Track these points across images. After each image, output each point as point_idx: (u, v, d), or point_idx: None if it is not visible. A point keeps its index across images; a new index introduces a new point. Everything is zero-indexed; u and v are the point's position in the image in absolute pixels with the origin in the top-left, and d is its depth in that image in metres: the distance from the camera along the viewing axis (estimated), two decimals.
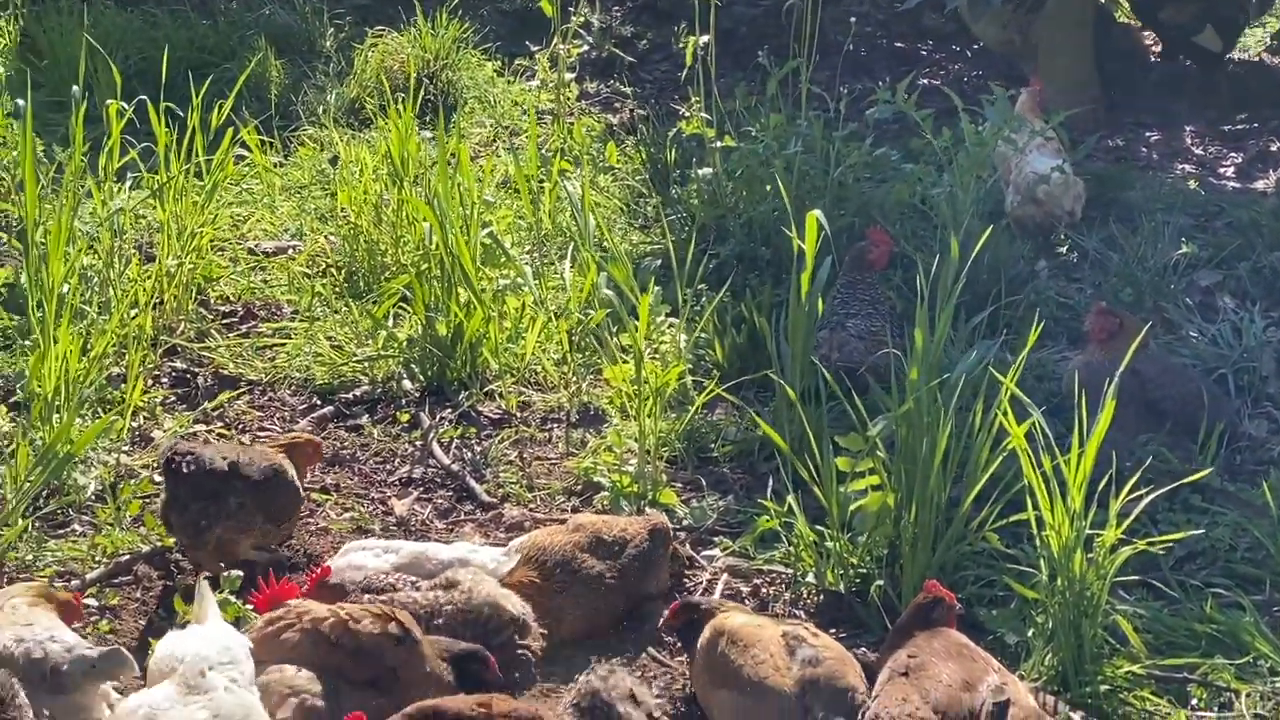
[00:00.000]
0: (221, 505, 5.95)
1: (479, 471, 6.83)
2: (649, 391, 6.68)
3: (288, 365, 7.56)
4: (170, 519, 6.02)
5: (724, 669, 5.20)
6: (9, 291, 7.62)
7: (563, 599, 5.76)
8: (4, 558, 6.03)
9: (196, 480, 5.95)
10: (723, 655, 5.23)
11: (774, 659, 5.15)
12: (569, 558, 5.82)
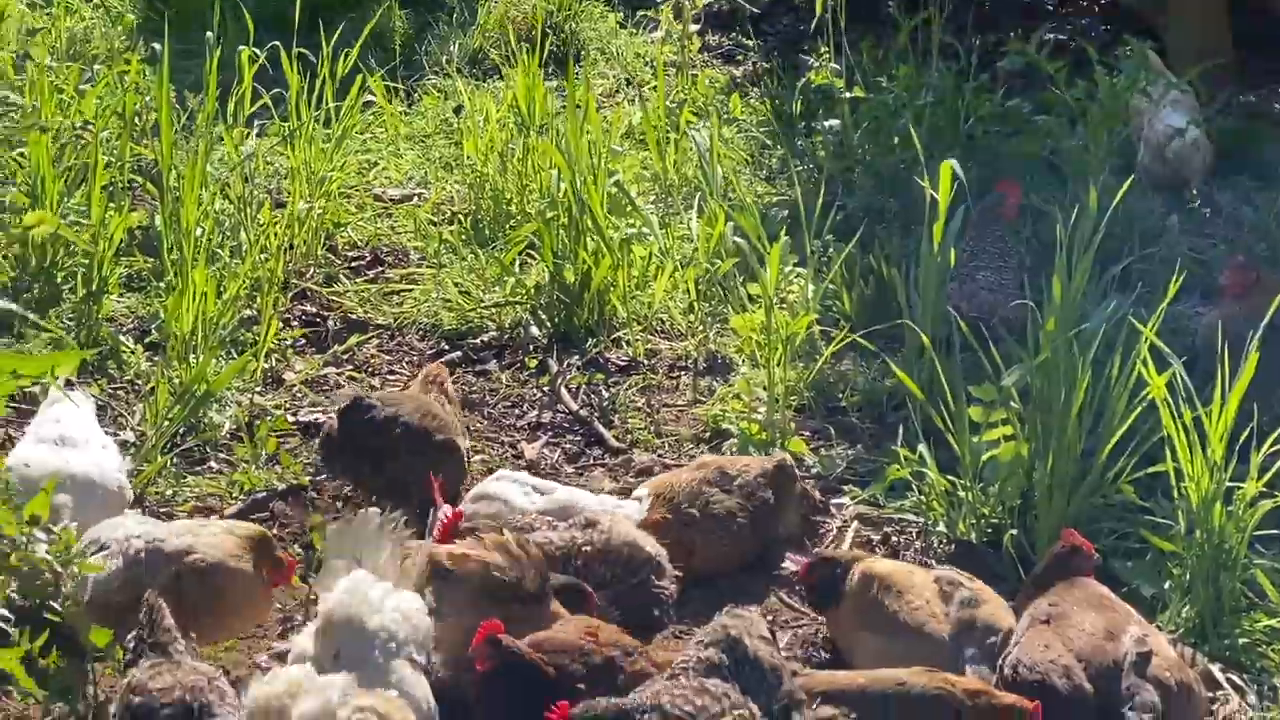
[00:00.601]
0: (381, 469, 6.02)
1: (607, 417, 6.87)
2: (778, 340, 6.68)
3: (415, 310, 7.62)
4: (330, 464, 6.13)
5: (877, 613, 5.20)
6: (143, 234, 7.70)
7: (693, 533, 5.79)
8: (145, 493, 6.13)
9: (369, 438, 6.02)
10: (875, 600, 5.23)
11: (930, 605, 5.15)
12: (697, 492, 5.87)
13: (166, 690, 4.31)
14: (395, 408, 6.12)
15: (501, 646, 4.98)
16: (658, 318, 7.51)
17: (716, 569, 5.85)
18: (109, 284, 7.27)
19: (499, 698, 4.99)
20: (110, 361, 6.99)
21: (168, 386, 6.48)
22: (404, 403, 6.20)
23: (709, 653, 4.95)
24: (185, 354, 6.73)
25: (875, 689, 4.88)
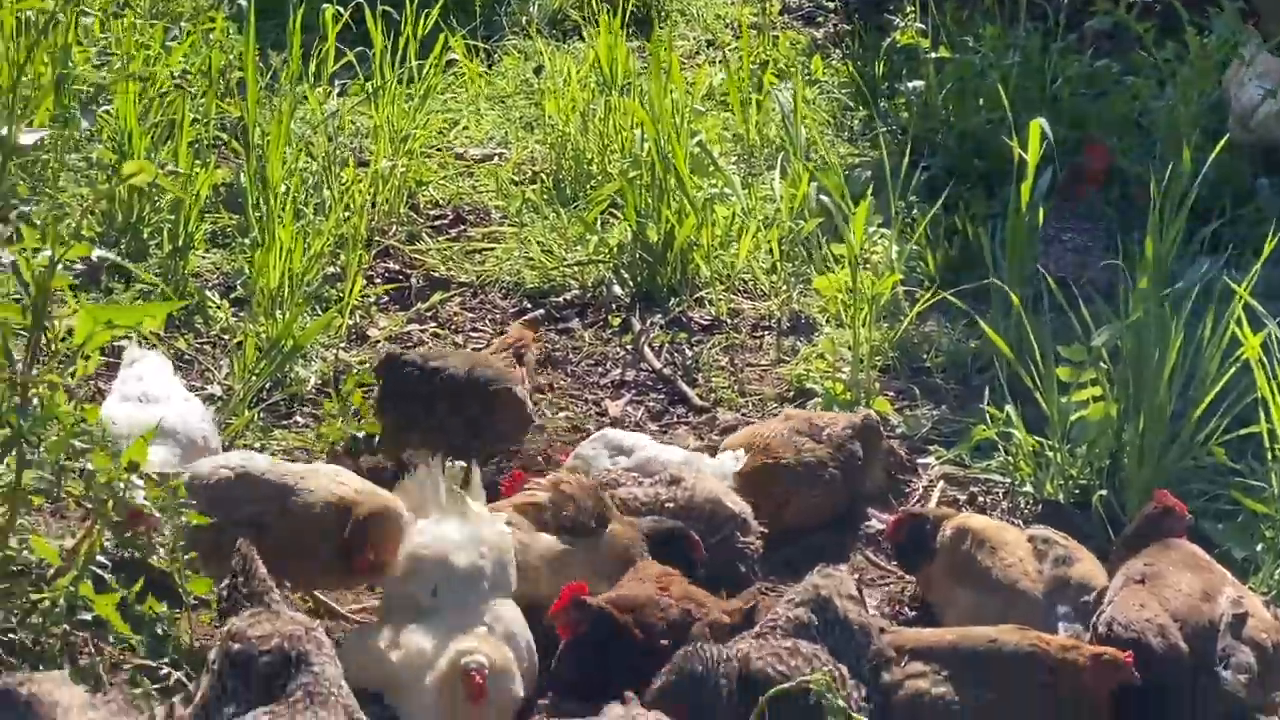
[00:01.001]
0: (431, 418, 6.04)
1: (690, 376, 6.87)
2: (863, 300, 6.66)
3: (497, 269, 7.63)
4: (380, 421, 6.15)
5: (969, 569, 5.19)
6: (227, 191, 7.75)
7: (785, 482, 5.80)
8: (232, 445, 6.16)
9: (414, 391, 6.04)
10: (968, 555, 5.22)
11: (1024, 562, 5.13)
12: (788, 441, 5.88)
13: (265, 638, 4.33)
14: (440, 361, 6.12)
15: (588, 608, 4.99)
16: (740, 277, 7.50)
17: (806, 522, 5.86)
18: (195, 240, 7.32)
19: (586, 657, 5.01)
20: (196, 317, 7.03)
21: (255, 341, 6.52)
22: (449, 356, 6.23)
23: (798, 612, 4.94)
24: (271, 309, 6.77)
25: (966, 646, 4.86)
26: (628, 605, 5.05)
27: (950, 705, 4.77)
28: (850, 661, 4.87)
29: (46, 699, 4.17)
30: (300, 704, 4.24)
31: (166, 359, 6.18)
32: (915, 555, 5.41)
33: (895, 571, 5.71)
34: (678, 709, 4.59)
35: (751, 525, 5.65)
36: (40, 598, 4.82)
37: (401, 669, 4.83)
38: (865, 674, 4.87)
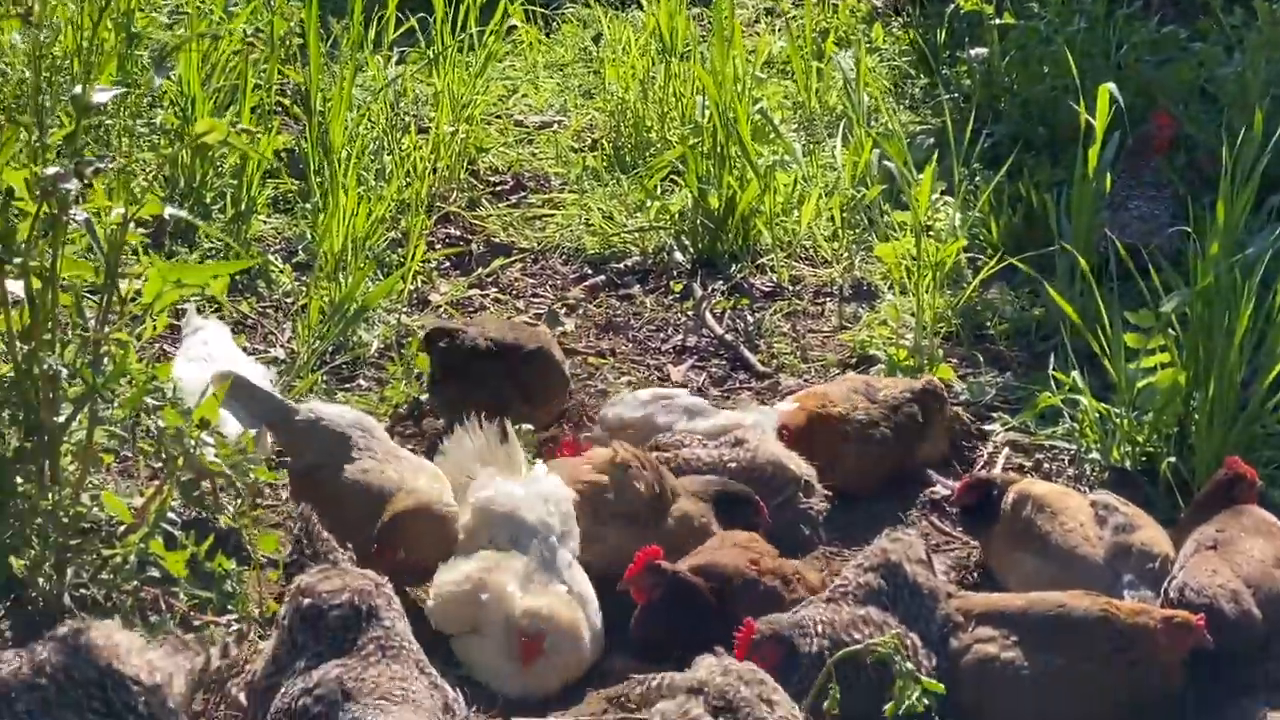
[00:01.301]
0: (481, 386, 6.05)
1: (752, 342, 6.85)
2: (927, 266, 6.63)
3: (558, 235, 7.63)
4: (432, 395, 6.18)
5: (1030, 534, 5.17)
6: (288, 157, 7.76)
7: (840, 439, 5.81)
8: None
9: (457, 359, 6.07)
10: (1029, 520, 5.20)
11: (1084, 528, 5.11)
12: (845, 397, 5.90)
13: (335, 593, 4.35)
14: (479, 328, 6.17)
15: (663, 572, 5.00)
16: (801, 244, 7.47)
17: (856, 481, 5.85)
18: (257, 204, 7.35)
19: (659, 620, 5.02)
20: (259, 281, 7.06)
21: (319, 304, 6.53)
22: (487, 322, 6.29)
23: (868, 577, 4.93)
24: (335, 273, 6.79)
25: (1036, 611, 4.85)
26: (711, 571, 5.05)
27: (1019, 670, 4.76)
28: (920, 627, 4.86)
29: (107, 642, 4.24)
30: (372, 656, 4.26)
31: (225, 325, 6.21)
32: (981, 520, 5.39)
33: (959, 537, 5.69)
34: (770, 655, 4.59)
35: (815, 488, 5.66)
36: (111, 554, 4.85)
37: (481, 613, 4.90)
38: (934, 641, 4.87)
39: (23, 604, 4.73)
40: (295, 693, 4.22)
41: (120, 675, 4.17)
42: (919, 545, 5.07)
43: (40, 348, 4.62)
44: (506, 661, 4.90)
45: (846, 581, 4.95)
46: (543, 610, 4.83)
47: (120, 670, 4.18)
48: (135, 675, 4.19)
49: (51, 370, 4.60)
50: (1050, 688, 4.73)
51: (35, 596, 4.74)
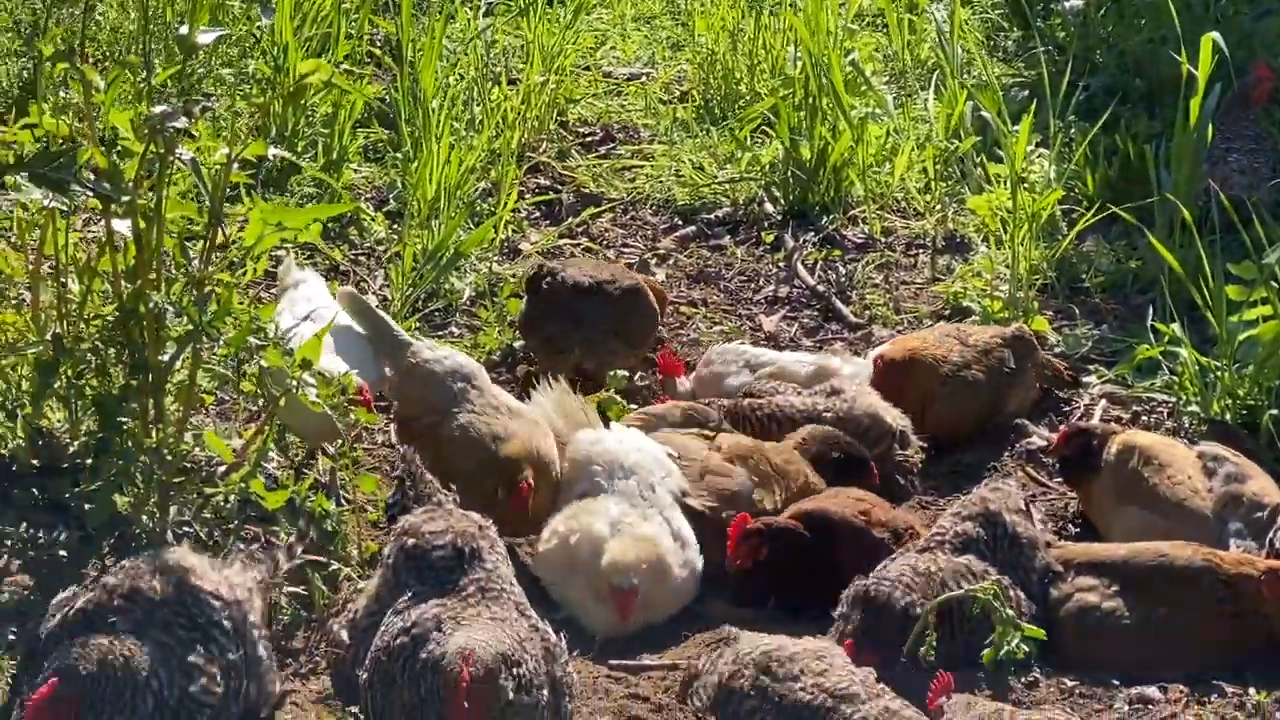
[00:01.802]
0: (579, 327, 6.06)
1: (844, 293, 6.83)
2: (1023, 217, 6.57)
3: (648, 186, 7.61)
4: (528, 336, 6.19)
5: (1136, 486, 5.13)
6: (378, 107, 7.78)
7: (937, 386, 5.79)
8: None
9: (556, 299, 6.09)
10: (1134, 472, 5.15)
11: (1192, 480, 5.06)
12: (934, 344, 5.90)
13: (439, 533, 4.37)
14: (574, 270, 6.21)
15: (760, 533, 4.99)
16: (894, 196, 7.43)
17: (954, 427, 5.84)
18: (348, 153, 7.37)
19: (758, 572, 5.02)
20: (351, 229, 7.08)
21: (413, 251, 6.55)
22: (581, 265, 6.32)
23: (966, 526, 4.91)
24: (427, 221, 6.80)
25: (1137, 561, 4.81)
26: (819, 519, 5.05)
27: (1120, 620, 4.73)
28: (1019, 577, 4.84)
29: (184, 562, 4.30)
30: (472, 597, 4.27)
31: (321, 276, 6.23)
32: (1080, 470, 5.35)
33: (1055, 488, 5.65)
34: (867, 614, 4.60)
35: (911, 439, 5.64)
36: (213, 493, 4.89)
37: (576, 555, 4.92)
38: (1034, 590, 4.84)
39: (127, 541, 4.77)
40: (394, 631, 4.24)
41: (201, 592, 4.22)
42: (1018, 495, 5.05)
43: (146, 287, 4.65)
44: (598, 602, 4.92)
45: (944, 530, 4.92)
46: (631, 560, 4.85)
47: (200, 586, 4.23)
48: (215, 591, 4.25)
49: (157, 309, 4.63)
50: (1151, 638, 4.71)
51: (139, 534, 4.78)
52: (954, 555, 4.84)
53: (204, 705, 4.07)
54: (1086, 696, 4.64)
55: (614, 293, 6.15)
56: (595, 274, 6.25)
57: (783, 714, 4.19)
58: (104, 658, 3.98)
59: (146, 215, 4.66)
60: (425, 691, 4.05)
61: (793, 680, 4.23)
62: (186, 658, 4.10)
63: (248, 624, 4.29)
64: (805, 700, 4.18)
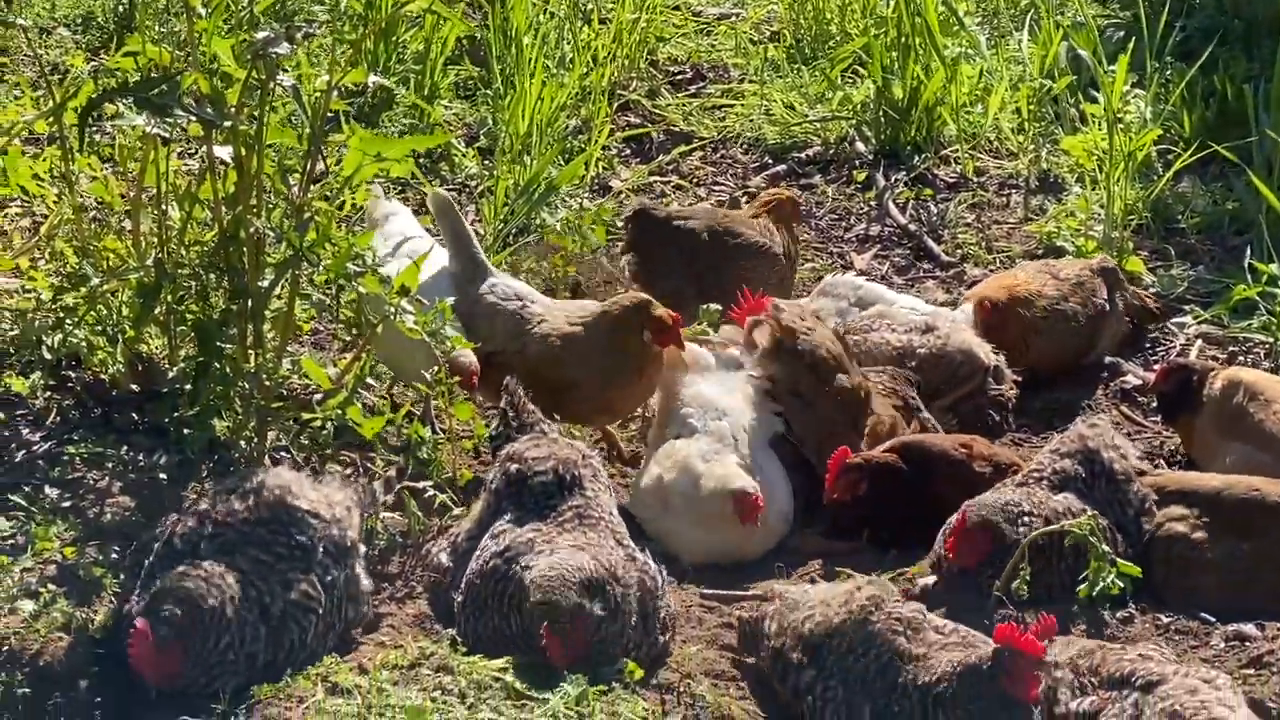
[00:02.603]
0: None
1: (936, 232, 6.80)
2: (1119, 157, 6.51)
3: (738, 125, 7.59)
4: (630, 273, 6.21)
5: (1239, 422, 5.08)
6: (469, 44, 7.79)
7: (1039, 320, 5.77)
8: None
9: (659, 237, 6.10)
10: (1239, 408, 5.11)
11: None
12: (1031, 280, 5.88)
13: (541, 459, 4.40)
14: (685, 219, 6.17)
15: (860, 467, 4.99)
16: (986, 137, 7.37)
17: (1054, 362, 5.82)
18: (440, 89, 7.39)
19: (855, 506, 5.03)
20: (442, 164, 7.11)
21: (505, 185, 6.57)
22: (695, 215, 6.25)
23: (1064, 464, 4.87)
24: (519, 156, 6.81)
25: (1229, 494, 4.77)
26: (919, 453, 5.05)
27: (1206, 550, 4.69)
28: (1117, 514, 4.80)
29: (282, 481, 4.36)
30: (569, 524, 4.30)
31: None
32: (1180, 407, 5.30)
33: (1151, 426, 5.62)
34: (982, 537, 4.58)
35: (1006, 374, 5.62)
36: (310, 419, 4.92)
37: (672, 489, 4.94)
38: (1129, 527, 4.81)
39: (225, 465, 4.82)
40: (488, 555, 4.28)
41: (299, 510, 4.27)
42: (1114, 432, 5.01)
43: (246, 213, 4.68)
44: (690, 529, 4.95)
45: (1042, 466, 4.89)
46: (730, 477, 4.88)
47: (298, 505, 4.28)
48: (313, 510, 4.29)
49: (257, 234, 4.67)
50: (1237, 571, 4.66)
51: (237, 458, 4.82)
52: (1052, 492, 4.80)
53: (307, 612, 4.13)
54: (1182, 633, 4.62)
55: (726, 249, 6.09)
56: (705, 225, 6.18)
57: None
58: (197, 588, 4.02)
59: (247, 141, 4.68)
60: (514, 615, 4.10)
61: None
62: (286, 573, 4.15)
63: (345, 543, 4.34)
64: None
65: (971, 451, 5.09)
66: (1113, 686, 4.01)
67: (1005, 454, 5.17)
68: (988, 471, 4.99)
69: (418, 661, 4.14)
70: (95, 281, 4.90)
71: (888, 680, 4.06)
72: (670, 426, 5.18)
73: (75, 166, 5.09)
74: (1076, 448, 4.89)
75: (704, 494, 4.91)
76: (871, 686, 4.07)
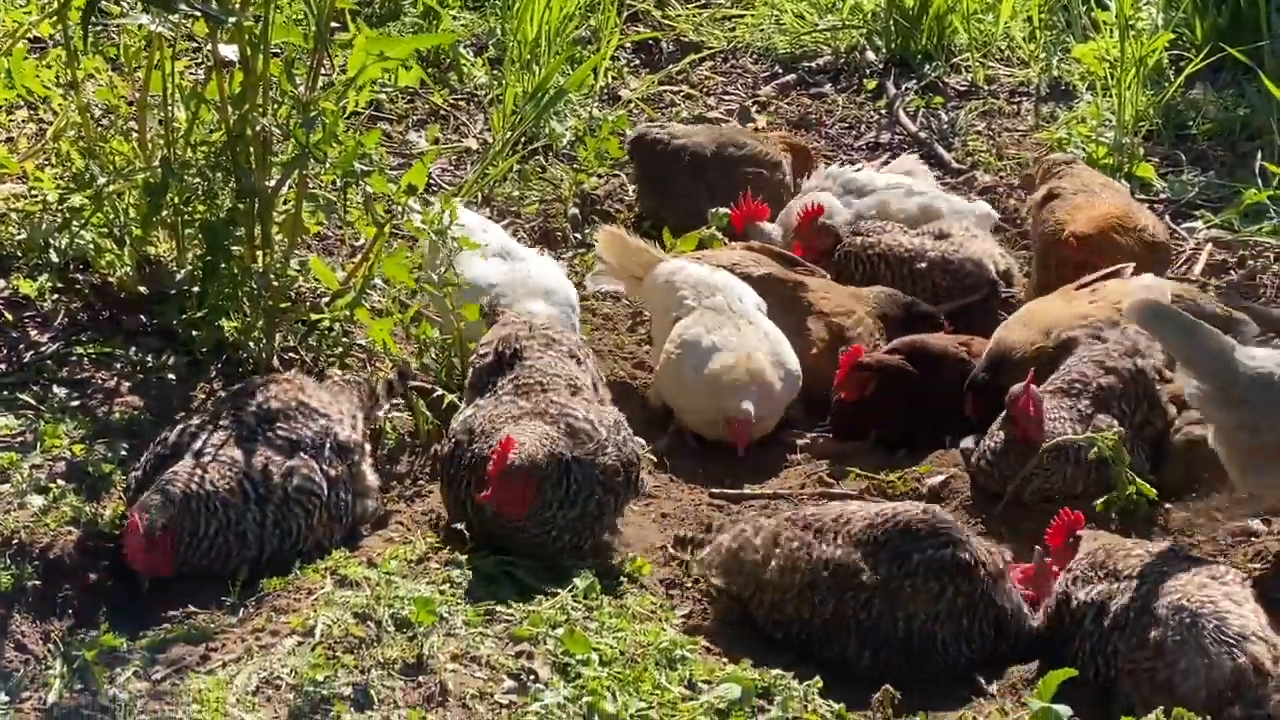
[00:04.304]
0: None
1: (946, 140, 6.78)
2: (1130, 62, 6.47)
3: (748, 34, 7.56)
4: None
5: None
6: None
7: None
8: (493, 194, 6.23)
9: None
10: None
11: None
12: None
13: (486, 343, 4.51)
14: (687, 137, 6.19)
15: (870, 367, 4.98)
16: (997, 44, 7.33)
17: None
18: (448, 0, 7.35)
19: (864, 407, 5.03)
20: (451, 74, 7.07)
21: (514, 92, 6.54)
22: (696, 132, 6.27)
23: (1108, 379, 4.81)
24: (528, 64, 6.78)
25: None
26: (923, 352, 5.04)
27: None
28: (1152, 430, 4.77)
29: (290, 383, 4.39)
30: (505, 396, 4.31)
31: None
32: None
33: None
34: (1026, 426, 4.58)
35: (1016, 276, 5.60)
36: (318, 319, 4.92)
37: (683, 366, 5.03)
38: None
39: (234, 365, 4.83)
40: (445, 441, 4.32)
41: (308, 408, 4.29)
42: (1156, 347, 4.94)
43: (252, 111, 4.66)
44: (710, 399, 4.99)
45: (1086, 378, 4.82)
46: (742, 379, 4.90)
47: (308, 403, 4.30)
48: (323, 409, 4.31)
49: (264, 133, 4.65)
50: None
51: (246, 358, 4.83)
52: (1087, 400, 4.75)
53: (310, 496, 4.15)
54: (1192, 529, 4.60)
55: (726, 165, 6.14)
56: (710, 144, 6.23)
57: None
58: (190, 477, 4.05)
59: (252, 40, 4.65)
60: (464, 491, 4.14)
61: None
62: (289, 462, 4.17)
63: (350, 442, 4.35)
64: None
65: (970, 349, 5.09)
66: (1122, 579, 4.01)
67: (981, 343, 5.14)
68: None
69: (426, 556, 4.15)
70: (102, 182, 4.89)
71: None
72: (669, 310, 5.19)
73: (80, 69, 5.07)
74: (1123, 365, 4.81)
75: (714, 369, 4.95)
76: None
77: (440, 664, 3.68)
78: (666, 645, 3.84)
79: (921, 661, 4.00)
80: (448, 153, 6.52)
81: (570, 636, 3.78)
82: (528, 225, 6.11)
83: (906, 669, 3.95)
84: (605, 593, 4.05)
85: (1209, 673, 3.65)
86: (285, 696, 3.52)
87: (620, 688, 3.68)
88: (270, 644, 3.70)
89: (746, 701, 3.71)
